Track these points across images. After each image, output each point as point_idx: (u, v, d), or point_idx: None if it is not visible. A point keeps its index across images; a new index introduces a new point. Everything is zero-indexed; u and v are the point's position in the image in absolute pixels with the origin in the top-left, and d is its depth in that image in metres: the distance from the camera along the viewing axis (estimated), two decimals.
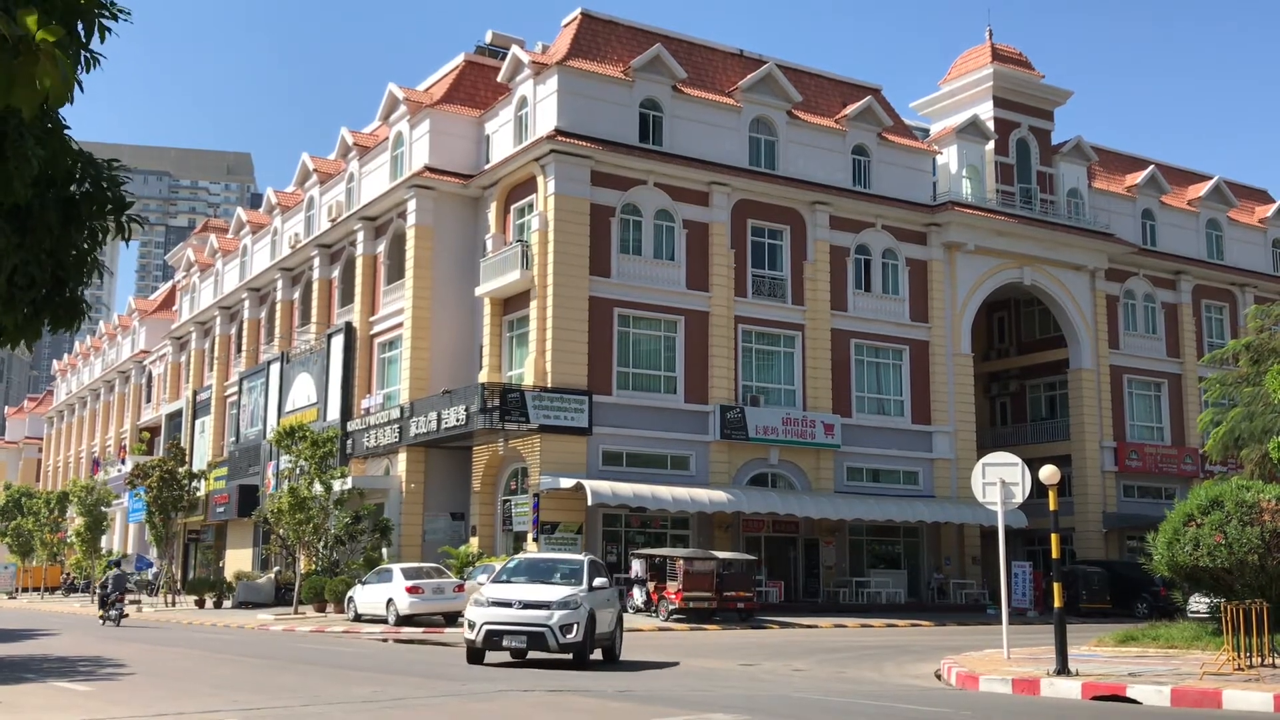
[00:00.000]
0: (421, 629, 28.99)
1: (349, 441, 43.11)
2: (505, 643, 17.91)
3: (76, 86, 5.16)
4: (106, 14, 5.47)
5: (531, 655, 18.64)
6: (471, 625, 18.16)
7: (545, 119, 38.35)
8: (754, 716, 11.97)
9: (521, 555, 21.92)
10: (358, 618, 32.10)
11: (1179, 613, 26.14)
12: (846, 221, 42.63)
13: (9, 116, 5.21)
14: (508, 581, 19.26)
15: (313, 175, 50.77)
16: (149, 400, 74.07)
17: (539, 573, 19.69)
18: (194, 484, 47.91)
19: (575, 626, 17.84)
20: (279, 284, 53.06)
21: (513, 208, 40.15)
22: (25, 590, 64.99)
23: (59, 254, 6.24)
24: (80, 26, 5.44)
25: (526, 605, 18.00)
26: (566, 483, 35.06)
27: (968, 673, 16.48)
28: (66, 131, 5.89)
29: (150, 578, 55.72)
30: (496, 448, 37.80)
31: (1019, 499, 19.21)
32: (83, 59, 5.53)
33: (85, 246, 6.26)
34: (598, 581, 18.98)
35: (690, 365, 38.80)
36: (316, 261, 49.26)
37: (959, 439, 43.60)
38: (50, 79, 4.00)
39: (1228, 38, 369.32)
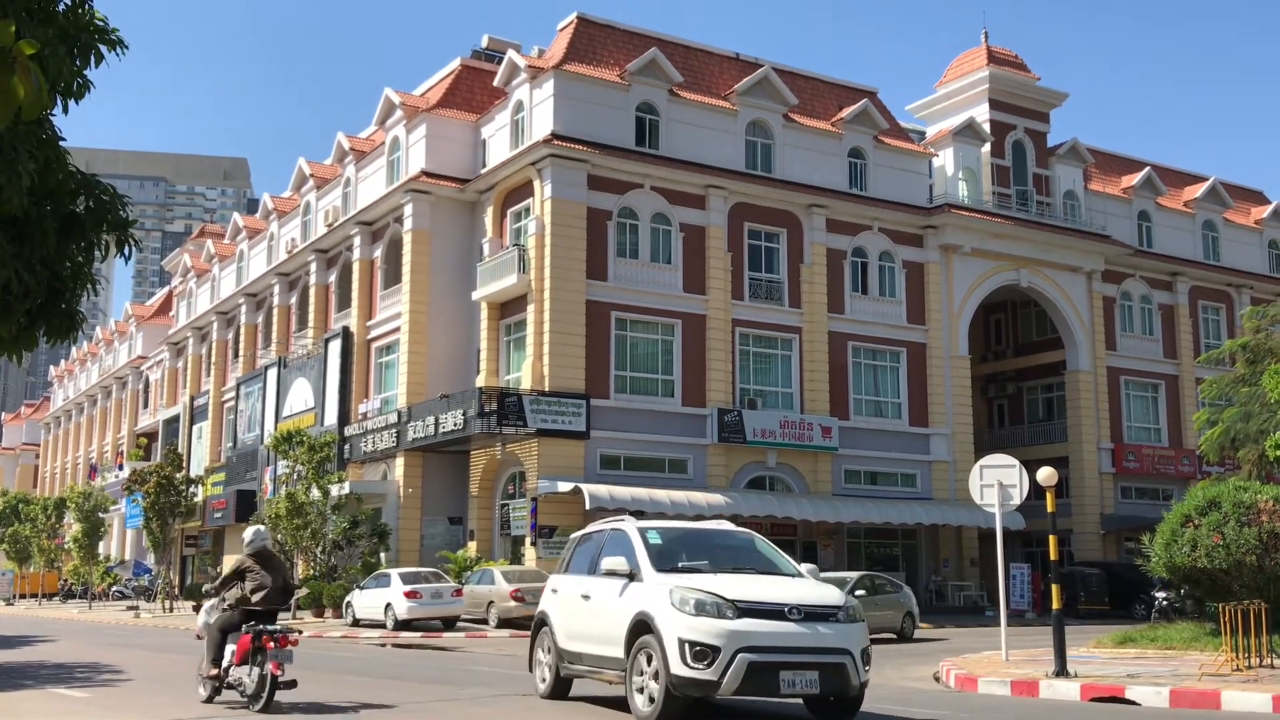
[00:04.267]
0: (420, 633, 28.99)
1: (346, 446, 43.10)
2: (787, 684, 10.49)
3: (73, 102, 5.20)
4: (105, 43, 5.50)
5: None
6: (704, 652, 10.32)
7: (541, 123, 38.37)
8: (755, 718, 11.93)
9: (659, 524, 13.00)
10: (356, 622, 32.10)
11: (1178, 614, 26.18)
12: (843, 224, 42.66)
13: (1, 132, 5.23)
14: (688, 568, 11.52)
15: (309, 180, 50.79)
16: (146, 406, 74.01)
17: (732, 552, 12.24)
18: (191, 489, 47.89)
19: (869, 654, 11.25)
20: (276, 289, 53.05)
21: (509, 212, 40.18)
22: (23, 596, 64.88)
23: (54, 265, 6.27)
24: (77, 52, 5.48)
25: (810, 615, 10.76)
26: (564, 486, 35.06)
27: (966, 675, 16.48)
28: (62, 143, 5.92)
29: (148, 583, 55.65)
30: (494, 452, 37.79)
31: (1016, 501, 19.22)
32: (75, 84, 5.56)
33: (81, 260, 6.29)
34: (805, 567, 12.54)
35: (687, 368, 38.82)
36: (313, 266, 49.26)
37: (956, 441, 43.62)
38: (25, 91, 3.98)
39: (1224, 39, 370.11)
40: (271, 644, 12.16)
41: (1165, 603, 30.68)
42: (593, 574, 12.25)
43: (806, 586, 11.38)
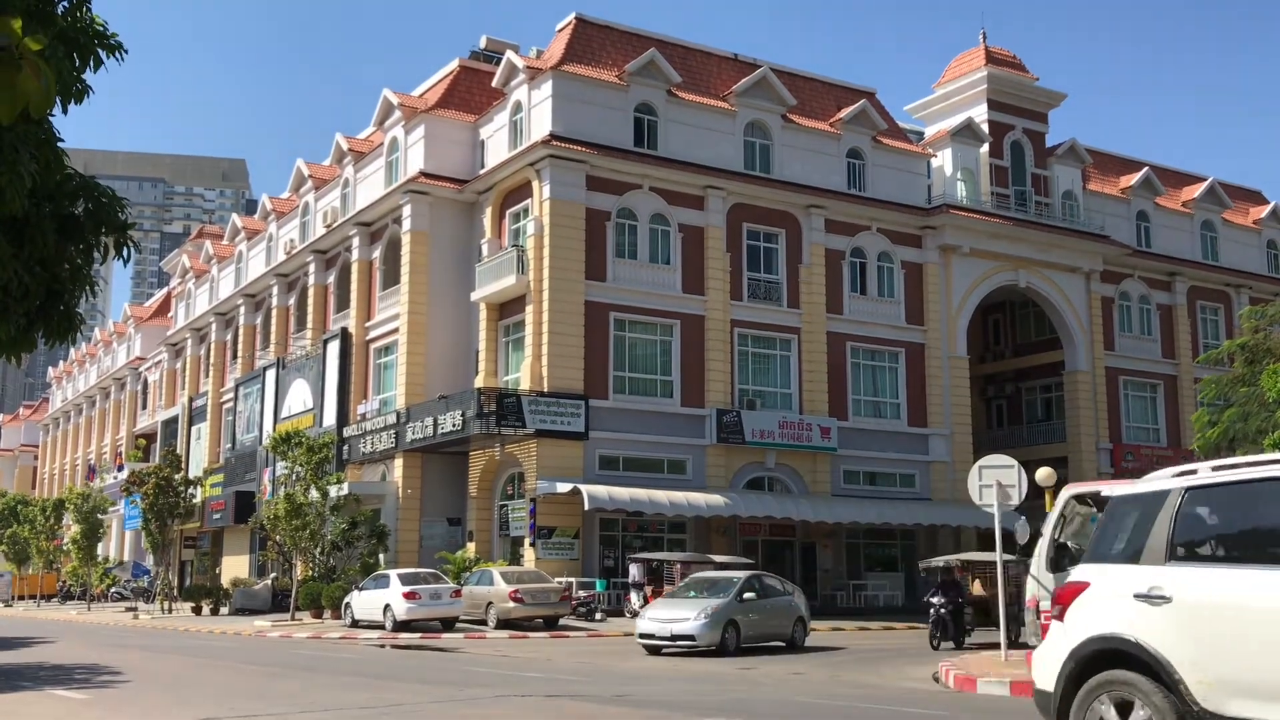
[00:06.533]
0: (419, 634, 28.99)
1: (345, 447, 43.09)
2: None
3: (71, 103, 5.22)
4: (104, 47, 5.50)
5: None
6: None
7: (540, 124, 38.38)
8: None
9: None
10: (355, 624, 32.08)
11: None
12: (841, 225, 42.67)
13: (2, 132, 5.22)
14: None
15: (308, 181, 50.78)
16: (145, 407, 73.98)
17: None
18: (190, 490, 47.83)
19: None
20: (274, 290, 53.04)
21: (508, 213, 40.19)
22: (21, 598, 64.84)
23: (53, 267, 6.27)
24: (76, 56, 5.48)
25: None
26: (563, 487, 35.06)
27: (966, 675, 16.50)
28: (60, 144, 5.93)
29: (146, 584, 55.60)
30: (493, 453, 37.80)
31: (1015, 501, 19.24)
32: (74, 88, 5.56)
33: (80, 261, 6.30)
34: None
35: (686, 369, 38.83)
36: (312, 267, 49.26)
37: (955, 442, 43.63)
38: (32, 87, 3.96)
39: (1221, 39, 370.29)
40: None
41: (942, 611, 25.09)
42: None
43: None
